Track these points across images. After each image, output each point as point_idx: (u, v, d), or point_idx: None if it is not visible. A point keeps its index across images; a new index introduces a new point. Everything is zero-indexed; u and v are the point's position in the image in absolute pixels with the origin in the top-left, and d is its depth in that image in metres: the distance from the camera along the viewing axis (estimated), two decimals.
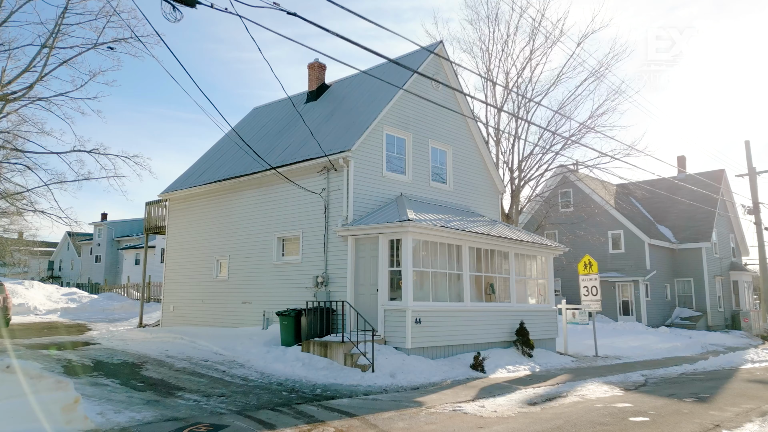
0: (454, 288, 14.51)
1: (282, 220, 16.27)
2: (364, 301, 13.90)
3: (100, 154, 25.50)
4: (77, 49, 25.00)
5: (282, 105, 22.02)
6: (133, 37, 24.75)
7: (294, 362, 12.41)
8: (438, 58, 17.64)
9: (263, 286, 16.57)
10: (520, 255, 16.80)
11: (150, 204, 22.12)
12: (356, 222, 14.13)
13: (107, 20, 24.29)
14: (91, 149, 25.37)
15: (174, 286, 19.99)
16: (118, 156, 25.44)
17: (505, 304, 15.97)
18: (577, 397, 10.37)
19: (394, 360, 12.17)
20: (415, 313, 12.92)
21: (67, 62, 25.08)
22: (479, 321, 14.82)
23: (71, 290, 36.20)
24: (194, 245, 19.33)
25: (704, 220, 35.85)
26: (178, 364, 12.84)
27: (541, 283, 17.73)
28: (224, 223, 18.28)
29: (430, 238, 13.79)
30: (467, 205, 18.30)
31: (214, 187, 18.50)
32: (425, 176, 16.82)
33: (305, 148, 16.17)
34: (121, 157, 25.52)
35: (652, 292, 31.81)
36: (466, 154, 18.62)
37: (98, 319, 27.83)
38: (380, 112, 15.31)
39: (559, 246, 17.99)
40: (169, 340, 16.37)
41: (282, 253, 16.48)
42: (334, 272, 14.58)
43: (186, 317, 19.12)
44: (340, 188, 14.66)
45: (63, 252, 73.18)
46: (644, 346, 21.07)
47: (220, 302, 17.94)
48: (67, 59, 25.00)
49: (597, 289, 18.20)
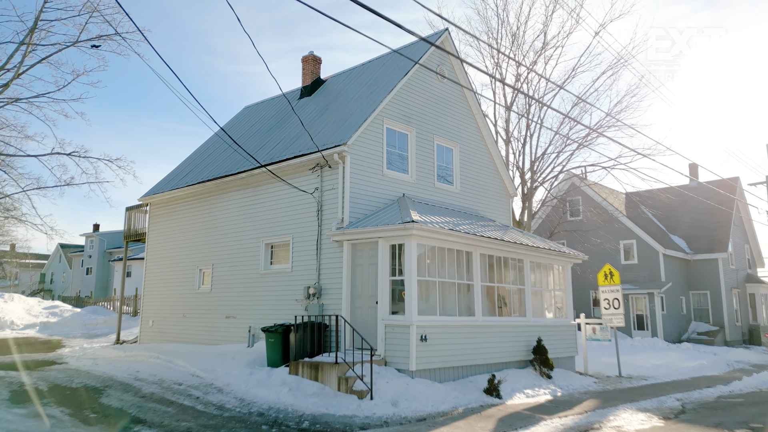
0: (463, 300, 12.79)
1: (270, 224, 14.59)
2: (361, 316, 12.18)
3: (81, 156, 23.91)
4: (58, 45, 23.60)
5: (274, 102, 20.45)
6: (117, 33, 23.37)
7: (279, 387, 10.66)
8: (443, 47, 16.09)
9: (249, 299, 14.84)
10: (536, 264, 15.10)
11: (130, 209, 20.43)
12: (353, 225, 12.44)
13: (89, 16, 22.86)
14: (71, 152, 23.79)
15: (153, 298, 18.23)
16: (99, 159, 23.83)
17: (520, 318, 14.23)
18: (613, 431, 8.68)
19: (397, 384, 10.41)
20: (420, 329, 11.18)
21: (46, 59, 23.56)
22: (492, 338, 13.08)
23: (53, 303, 34.35)
24: (176, 253, 17.61)
25: (719, 230, 34.22)
26: (147, 389, 11.08)
27: (558, 295, 16.00)
28: (208, 228, 16.58)
29: (436, 243, 12.10)
30: (476, 208, 16.62)
31: (197, 189, 16.83)
32: (430, 176, 15.17)
33: (297, 144, 14.55)
34: (102, 160, 23.92)
35: (668, 305, 30.04)
36: (475, 152, 17.00)
37: (77, 335, 26.02)
38: (380, 103, 13.70)
39: (578, 254, 16.28)
40: (143, 359, 14.60)
41: (270, 261, 14.76)
42: (327, 282, 12.87)
43: (165, 333, 17.34)
44: (335, 187, 13.00)
45: (55, 264, 71.35)
46: (668, 365, 19.29)
47: (202, 316, 16.19)
48: (46, 56, 23.53)
49: (619, 301, 16.47)
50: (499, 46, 21.60)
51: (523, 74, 21.52)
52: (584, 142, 21.13)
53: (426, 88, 15.44)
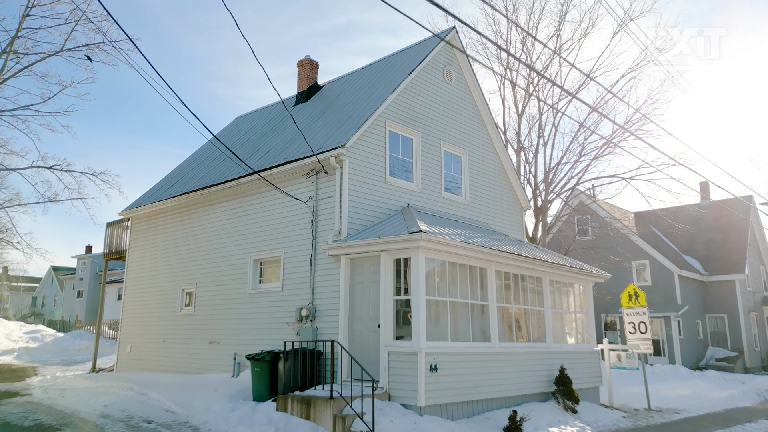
0: (477, 323, 11.21)
1: (260, 238, 13.08)
2: (361, 341, 10.59)
3: (63, 170, 22.58)
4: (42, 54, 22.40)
5: (267, 111, 19.14)
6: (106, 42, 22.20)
7: (265, 427, 9.04)
8: (450, 47, 14.85)
9: (235, 322, 13.25)
10: (556, 283, 13.56)
11: (111, 225, 18.91)
12: (352, 237, 10.93)
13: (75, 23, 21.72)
14: (52, 165, 22.44)
15: (132, 322, 16.60)
16: (83, 173, 22.52)
17: (540, 344, 12.63)
18: None
19: (403, 424, 8.78)
20: (430, 357, 9.58)
21: (29, 68, 22.40)
22: (511, 366, 11.47)
23: (36, 328, 32.60)
24: (157, 272, 16.05)
25: (734, 250, 32.73)
26: (110, 428, 9.45)
27: (579, 317, 14.42)
28: (192, 243, 15.05)
29: (447, 257, 10.59)
30: (486, 222, 15.15)
31: (181, 200, 15.36)
32: (437, 185, 13.73)
33: (290, 150, 13.14)
34: (86, 174, 22.59)
35: (685, 329, 28.36)
36: (485, 161, 15.59)
37: (56, 361, 24.29)
38: (382, 102, 12.34)
39: (599, 272, 14.75)
40: (115, 390, 12.95)
41: (259, 279, 13.22)
42: (322, 303, 11.31)
43: (144, 360, 15.68)
44: (332, 195, 11.54)
45: (46, 287, 69.51)
46: (697, 395, 17.59)
47: (184, 342, 14.56)
48: (30, 64, 22.33)
49: (646, 325, 14.87)
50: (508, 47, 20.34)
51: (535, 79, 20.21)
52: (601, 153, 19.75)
53: (432, 89, 14.12)
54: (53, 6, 23.98)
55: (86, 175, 22.32)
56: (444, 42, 14.32)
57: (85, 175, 22.34)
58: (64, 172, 22.45)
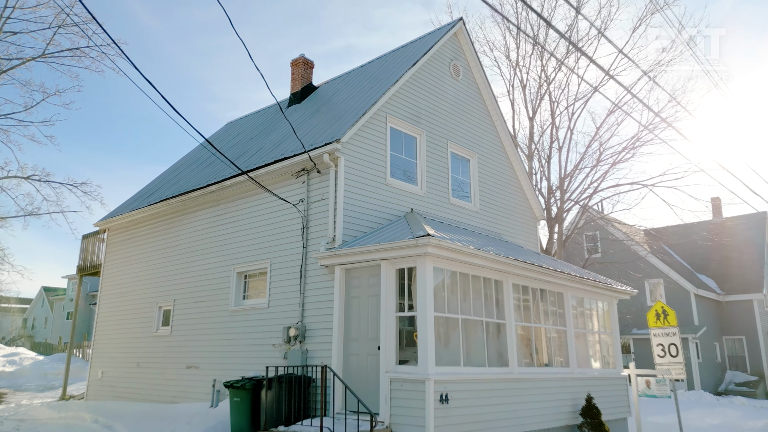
0: (493, 345, 9.67)
1: (244, 248, 11.59)
2: (358, 366, 9.04)
3: (42, 181, 21.25)
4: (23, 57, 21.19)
5: (258, 115, 17.81)
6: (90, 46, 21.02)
7: None
8: (457, 41, 13.58)
9: (216, 343, 11.68)
10: (579, 299, 12.05)
11: (87, 237, 17.42)
12: (348, 244, 9.45)
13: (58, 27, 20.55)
14: (30, 175, 21.09)
15: (105, 344, 14.99)
16: (62, 183, 21.23)
17: (563, 369, 11.06)
18: None
19: None
20: (439, 386, 8.02)
21: (8, 72, 21.18)
22: (531, 396, 9.88)
23: (14, 351, 30.95)
24: (133, 288, 14.51)
25: (751, 269, 31.21)
26: None
27: (604, 339, 12.86)
28: (171, 255, 13.55)
29: (458, 266, 9.10)
30: (498, 231, 13.68)
31: (161, 208, 13.91)
32: (443, 189, 12.30)
33: (280, 149, 11.74)
34: (66, 184, 21.28)
35: (703, 352, 26.69)
36: (495, 165, 14.19)
37: (30, 387, 22.63)
38: (383, 95, 10.97)
39: (625, 288, 13.24)
40: (77, 423, 11.34)
41: (243, 294, 11.68)
42: (313, 321, 9.78)
43: (116, 387, 14.04)
44: (325, 197, 10.09)
45: (37, 308, 67.58)
46: (730, 425, 15.95)
47: (159, 366, 12.95)
48: (8, 69, 21.10)
49: (677, 348, 13.25)
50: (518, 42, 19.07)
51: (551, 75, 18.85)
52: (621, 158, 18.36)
53: (438, 84, 12.79)
54: (36, 10, 22.90)
55: (66, 185, 21.00)
56: (451, 34, 13.07)
57: (65, 185, 21.02)
58: (42, 182, 21.14)
